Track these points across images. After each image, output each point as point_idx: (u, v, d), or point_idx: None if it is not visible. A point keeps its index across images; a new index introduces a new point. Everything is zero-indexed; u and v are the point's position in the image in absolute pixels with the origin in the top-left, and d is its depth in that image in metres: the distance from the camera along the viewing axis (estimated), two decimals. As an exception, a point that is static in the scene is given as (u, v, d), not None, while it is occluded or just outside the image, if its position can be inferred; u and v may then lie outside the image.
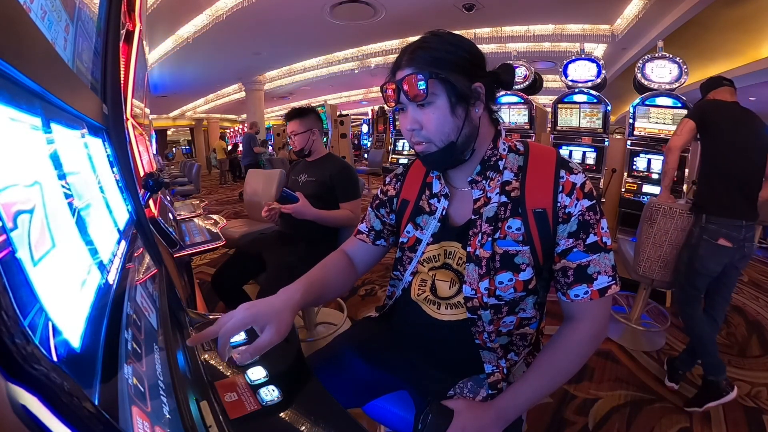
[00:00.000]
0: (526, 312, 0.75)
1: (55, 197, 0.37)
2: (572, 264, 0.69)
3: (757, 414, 1.55)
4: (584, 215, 0.68)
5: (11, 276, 0.23)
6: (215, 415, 0.46)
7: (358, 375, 0.82)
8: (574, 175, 0.70)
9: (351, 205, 1.76)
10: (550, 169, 0.71)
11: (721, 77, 1.81)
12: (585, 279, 0.68)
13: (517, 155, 0.75)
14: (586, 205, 0.68)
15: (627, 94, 5.45)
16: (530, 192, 0.71)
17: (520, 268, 0.70)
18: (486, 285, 0.71)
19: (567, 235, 0.69)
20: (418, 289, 0.82)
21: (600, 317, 0.70)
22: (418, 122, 0.70)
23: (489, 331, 0.73)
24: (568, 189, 0.69)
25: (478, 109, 0.70)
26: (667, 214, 1.81)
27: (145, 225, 0.87)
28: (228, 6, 5.48)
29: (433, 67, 0.67)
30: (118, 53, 0.92)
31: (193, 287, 1.38)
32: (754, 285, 2.95)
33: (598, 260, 0.68)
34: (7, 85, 0.33)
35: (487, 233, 0.72)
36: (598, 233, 0.68)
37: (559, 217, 0.69)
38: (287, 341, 0.69)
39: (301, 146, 1.82)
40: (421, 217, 0.82)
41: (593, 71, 3.38)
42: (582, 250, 0.68)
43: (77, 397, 0.22)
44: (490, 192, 0.74)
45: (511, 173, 0.73)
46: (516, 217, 0.71)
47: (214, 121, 17.14)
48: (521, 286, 0.70)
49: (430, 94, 0.67)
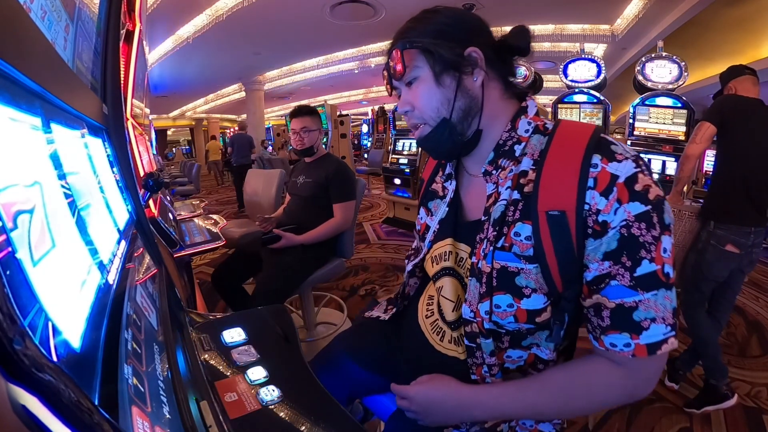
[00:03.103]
0: (540, 351, 0.58)
1: (55, 197, 0.37)
2: (610, 303, 0.48)
3: (757, 414, 1.55)
4: (630, 227, 0.47)
5: (11, 276, 0.23)
6: (215, 415, 0.46)
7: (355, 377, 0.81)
8: (616, 163, 0.49)
9: (343, 206, 1.75)
10: (576, 153, 0.51)
11: (743, 66, 1.66)
12: (628, 327, 0.47)
13: (543, 137, 0.57)
14: (635, 211, 0.47)
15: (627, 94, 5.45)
16: (546, 186, 0.52)
17: (523, 292, 0.53)
18: (486, 308, 0.55)
19: (602, 257, 0.48)
20: (426, 309, 0.71)
21: (646, 379, 0.51)
22: (409, 102, 0.62)
23: (490, 363, 0.59)
24: (603, 184, 0.48)
25: (477, 78, 0.58)
26: (675, 216, 1.80)
27: (145, 225, 0.87)
28: (228, 6, 5.48)
29: (415, 38, 0.59)
30: (118, 53, 0.92)
31: (193, 287, 1.38)
32: (754, 285, 2.95)
33: (653, 302, 0.46)
34: (7, 85, 0.33)
35: (490, 240, 0.56)
36: (657, 259, 0.47)
37: (587, 225, 0.49)
38: (287, 341, 0.69)
39: (311, 144, 1.82)
40: (433, 202, 0.73)
41: (593, 71, 3.38)
42: (627, 284, 0.47)
43: (77, 397, 0.22)
44: (501, 186, 0.58)
45: (530, 161, 0.56)
46: (526, 220, 0.53)
47: (214, 121, 17.15)
48: (524, 317, 0.53)
49: (412, 68, 0.59)
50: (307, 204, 1.80)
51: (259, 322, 0.75)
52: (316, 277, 1.74)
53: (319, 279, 1.77)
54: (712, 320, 1.64)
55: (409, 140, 4.54)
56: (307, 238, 1.68)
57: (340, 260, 1.89)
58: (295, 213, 1.82)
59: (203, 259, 3.37)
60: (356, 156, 11.42)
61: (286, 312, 0.80)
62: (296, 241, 1.66)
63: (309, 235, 1.69)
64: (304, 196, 1.81)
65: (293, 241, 1.65)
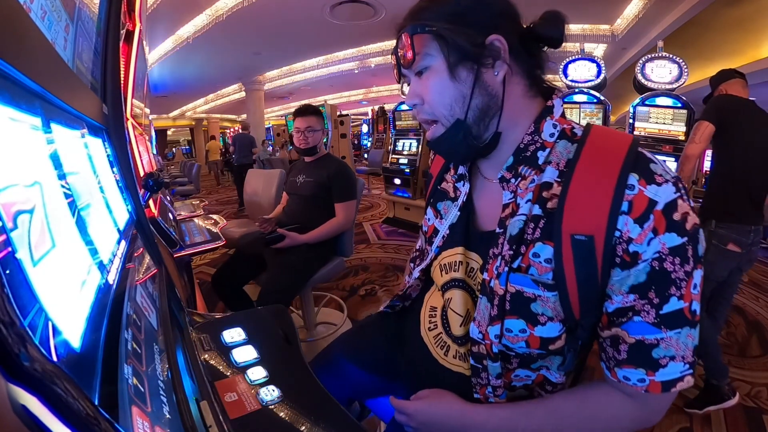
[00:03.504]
0: (550, 373, 0.56)
1: (55, 197, 0.37)
2: (629, 338, 0.45)
3: (757, 414, 1.55)
4: (663, 261, 0.43)
5: (11, 276, 0.23)
6: (215, 415, 0.46)
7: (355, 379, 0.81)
8: (655, 186, 0.43)
9: (346, 206, 1.76)
10: (611, 169, 0.45)
11: (732, 69, 1.71)
12: (645, 363, 0.45)
13: (571, 144, 0.51)
14: (670, 243, 0.42)
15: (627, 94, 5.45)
16: (573, 205, 0.46)
17: (538, 319, 0.49)
18: (496, 332, 0.51)
19: (628, 290, 0.45)
20: (428, 321, 0.66)
21: (656, 411, 0.50)
22: (418, 95, 0.55)
23: (495, 385, 0.56)
24: (639, 210, 0.43)
25: (498, 72, 0.51)
26: None
27: (145, 225, 0.87)
28: (228, 6, 5.48)
29: (428, 20, 0.51)
30: (118, 53, 0.92)
31: (193, 287, 1.38)
32: (754, 285, 2.95)
33: (676, 340, 0.43)
34: (7, 85, 0.33)
35: (505, 259, 0.51)
36: (686, 296, 0.43)
37: (616, 254, 0.44)
38: (287, 341, 0.69)
39: (314, 143, 1.81)
40: (443, 203, 0.66)
41: (593, 71, 3.38)
42: (650, 321, 0.44)
43: (77, 397, 0.22)
44: (520, 197, 0.52)
45: (554, 171, 0.50)
46: (547, 241, 0.48)
47: (214, 121, 17.16)
48: (537, 343, 0.49)
49: (423, 56, 0.51)
50: (308, 203, 1.80)
51: (259, 322, 0.75)
52: (318, 276, 1.75)
53: (320, 279, 1.77)
54: (711, 320, 1.64)
55: (409, 140, 4.54)
56: (311, 237, 1.69)
57: (340, 259, 1.89)
58: (296, 212, 1.82)
59: (203, 259, 3.37)
60: (356, 156, 11.42)
61: (286, 312, 0.80)
62: (300, 240, 1.66)
63: (313, 234, 1.70)
64: (305, 195, 1.81)
65: (297, 241, 1.65)
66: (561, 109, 0.55)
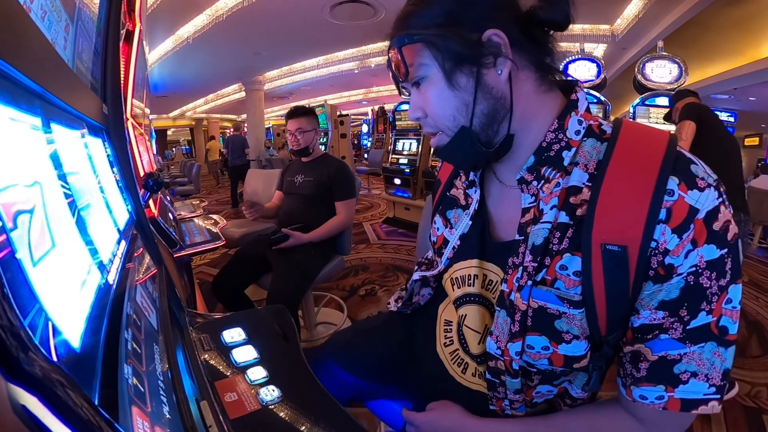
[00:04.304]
0: (571, 387, 0.53)
1: (55, 197, 0.37)
2: (652, 356, 0.42)
3: (757, 414, 1.55)
4: (699, 276, 0.39)
5: (11, 276, 0.23)
6: (215, 415, 0.46)
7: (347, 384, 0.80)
8: (697, 191, 0.40)
9: (346, 204, 1.78)
10: (648, 173, 0.41)
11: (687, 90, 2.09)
12: (665, 379, 0.41)
13: (599, 143, 0.46)
14: (708, 256, 0.39)
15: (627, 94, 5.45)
16: (604, 211, 0.42)
17: (563, 337, 0.45)
18: (517, 348, 0.48)
19: (657, 305, 0.41)
20: (444, 336, 0.62)
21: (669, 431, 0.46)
22: (420, 108, 0.51)
23: (513, 399, 0.53)
24: (678, 218, 0.39)
25: (502, 70, 0.45)
26: None
27: (145, 225, 0.87)
28: (228, 6, 5.48)
29: (414, 28, 0.47)
30: (118, 53, 0.92)
31: (193, 287, 1.38)
32: (754, 285, 2.95)
33: (698, 354, 0.40)
34: (7, 85, 0.33)
35: (528, 271, 0.46)
36: (715, 311, 0.40)
37: (650, 267, 0.41)
38: (286, 340, 0.69)
39: (306, 144, 1.82)
40: (452, 211, 0.61)
41: (593, 71, 3.38)
42: (676, 337, 0.41)
43: (77, 397, 0.22)
44: (543, 201, 0.47)
45: (583, 174, 0.45)
46: (576, 252, 0.44)
47: (214, 121, 17.14)
48: (561, 362, 0.46)
49: (416, 67, 0.47)
50: (309, 203, 1.80)
51: (259, 322, 0.75)
52: (319, 275, 1.75)
53: (320, 278, 1.77)
54: None
55: (409, 140, 4.54)
56: (315, 235, 1.70)
57: (340, 257, 1.90)
58: (295, 212, 1.82)
59: (203, 259, 3.36)
60: (356, 156, 11.43)
61: (286, 312, 0.80)
62: (304, 240, 1.67)
63: (316, 232, 1.71)
64: (305, 194, 1.82)
65: (301, 240, 1.66)
66: (586, 104, 0.49)
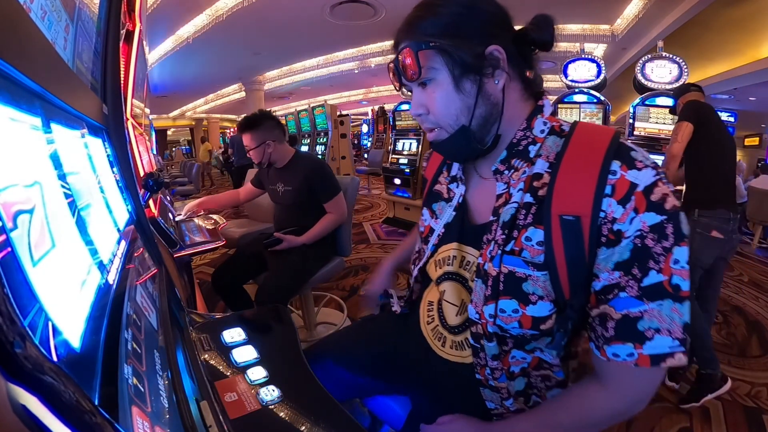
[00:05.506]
0: (544, 354, 0.59)
1: (55, 197, 0.37)
2: (616, 314, 0.48)
3: (757, 414, 1.55)
4: (644, 238, 0.46)
5: (11, 276, 0.23)
6: (215, 415, 0.46)
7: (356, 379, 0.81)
8: (635, 171, 0.47)
9: (333, 203, 1.73)
10: (595, 157, 0.49)
11: (689, 84, 2.02)
12: (632, 336, 0.47)
13: (559, 138, 0.55)
14: (650, 221, 0.46)
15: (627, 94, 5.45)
16: (561, 190, 0.50)
17: (529, 298, 0.52)
18: (491, 311, 0.55)
19: (613, 266, 0.48)
20: (426, 315, 0.71)
21: (641, 390, 0.51)
22: (423, 105, 0.57)
23: (493, 367, 0.59)
24: (621, 192, 0.47)
25: (499, 80, 0.54)
26: None
27: (145, 225, 0.87)
28: (228, 6, 5.48)
29: (429, 36, 0.53)
30: (118, 53, 0.92)
31: (193, 287, 1.38)
32: (754, 285, 2.95)
33: (660, 312, 0.46)
34: (7, 85, 0.33)
35: (498, 243, 0.55)
36: (665, 270, 0.45)
37: (601, 234, 0.48)
38: (286, 340, 0.69)
39: (260, 159, 1.73)
40: (438, 204, 0.70)
41: (593, 71, 3.38)
42: (634, 295, 0.46)
43: (77, 397, 0.22)
44: (513, 187, 0.56)
45: (545, 163, 0.54)
46: (538, 225, 0.52)
47: (214, 121, 17.14)
48: (529, 323, 0.53)
49: (427, 69, 0.53)
50: (296, 209, 1.78)
51: (259, 322, 0.75)
52: (318, 276, 1.75)
53: (320, 278, 1.77)
54: (703, 312, 1.71)
55: (409, 140, 4.54)
56: (308, 237, 1.68)
57: (340, 258, 1.89)
58: (286, 220, 1.80)
59: (203, 259, 3.37)
60: (356, 156, 11.41)
61: (286, 312, 0.80)
62: (298, 242, 1.66)
63: (309, 234, 1.69)
64: (289, 204, 1.78)
65: (294, 243, 1.65)
66: (551, 109, 0.59)
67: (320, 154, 6.59)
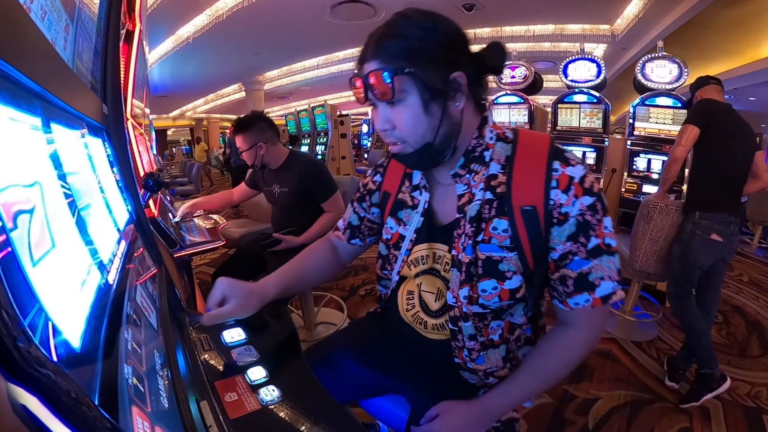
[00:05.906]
0: (514, 318, 0.69)
1: (55, 197, 0.37)
2: (572, 273, 0.61)
3: (757, 414, 1.55)
4: (584, 215, 0.60)
5: (11, 276, 0.23)
6: (215, 415, 0.46)
7: (353, 376, 0.82)
8: (571, 167, 0.61)
9: (330, 202, 1.73)
10: (541, 159, 0.62)
11: (708, 76, 1.88)
12: (586, 287, 0.61)
13: (506, 144, 0.66)
14: (586, 203, 0.59)
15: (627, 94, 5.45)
16: (518, 187, 0.62)
17: (506, 275, 0.63)
18: (465, 293, 0.64)
19: (565, 239, 0.61)
20: (406, 303, 0.77)
21: (599, 324, 0.66)
22: (389, 121, 0.62)
23: (469, 348, 0.68)
24: (563, 184, 0.60)
25: (459, 103, 0.62)
26: (663, 211, 1.88)
27: (145, 225, 0.87)
28: (228, 6, 5.48)
29: (401, 60, 0.57)
30: (118, 53, 0.92)
31: (193, 287, 1.38)
32: (754, 285, 2.95)
33: (601, 265, 0.60)
34: (7, 85, 0.33)
35: (468, 235, 0.64)
36: (600, 234, 0.60)
37: (553, 217, 0.61)
38: (286, 340, 0.69)
39: (252, 161, 1.72)
40: (403, 212, 0.76)
41: (593, 71, 3.37)
42: (583, 257, 0.60)
43: (77, 397, 0.22)
44: (474, 187, 0.66)
45: (497, 165, 0.65)
46: (502, 216, 0.63)
47: (214, 121, 17.14)
48: (507, 295, 0.64)
49: (398, 92, 0.58)
50: (294, 210, 1.78)
51: (259, 322, 0.75)
52: (317, 276, 1.74)
53: (319, 279, 1.76)
54: (703, 312, 1.71)
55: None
56: (307, 236, 1.68)
57: (340, 260, 1.88)
58: (285, 220, 1.80)
59: (203, 259, 3.36)
60: (356, 156, 11.41)
61: (286, 312, 0.80)
62: (297, 243, 1.66)
63: (308, 233, 1.69)
64: (286, 206, 1.78)
65: (293, 243, 1.65)
66: (492, 118, 0.69)
67: (320, 154, 6.59)
